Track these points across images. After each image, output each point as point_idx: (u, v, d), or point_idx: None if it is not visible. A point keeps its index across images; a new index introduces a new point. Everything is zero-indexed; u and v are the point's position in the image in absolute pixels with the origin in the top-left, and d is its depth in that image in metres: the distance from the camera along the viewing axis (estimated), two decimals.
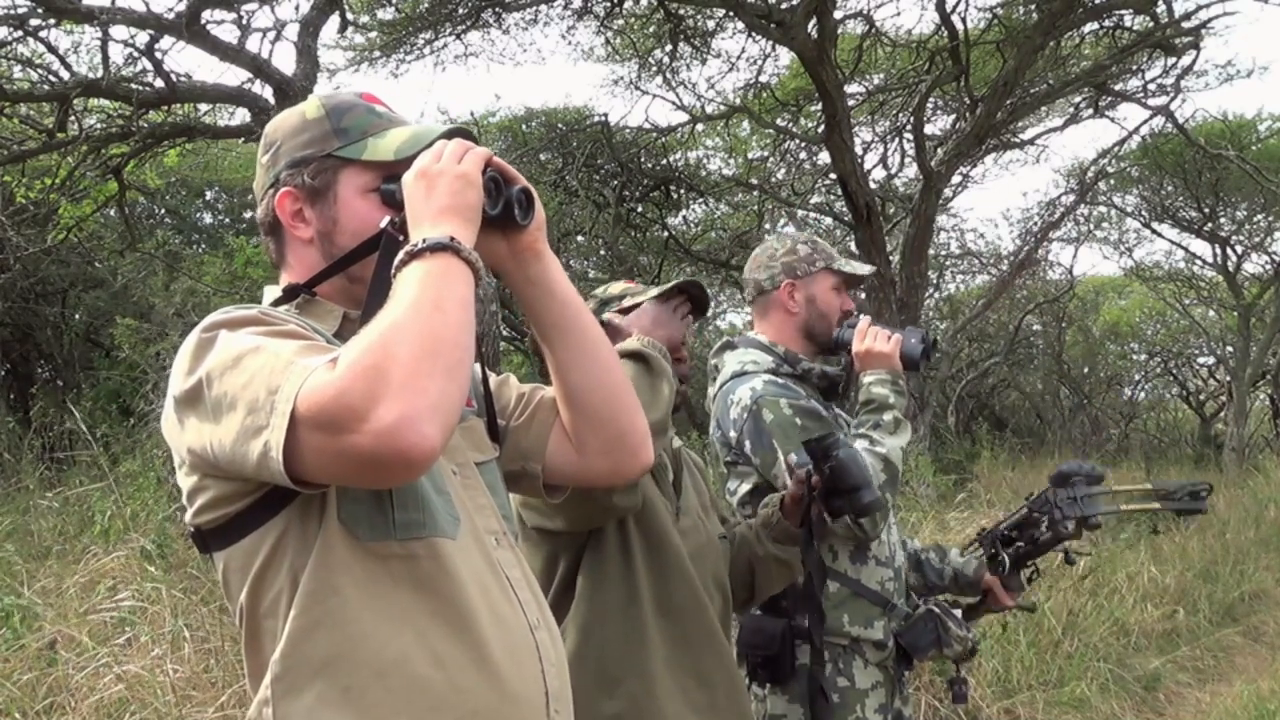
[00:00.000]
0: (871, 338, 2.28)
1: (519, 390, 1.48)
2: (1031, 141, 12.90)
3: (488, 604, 1.20)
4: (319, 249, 1.30)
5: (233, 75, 15.60)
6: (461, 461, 1.30)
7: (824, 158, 11.45)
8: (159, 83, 7.24)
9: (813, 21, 7.81)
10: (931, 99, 10.37)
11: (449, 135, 1.28)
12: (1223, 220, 15.03)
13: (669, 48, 10.36)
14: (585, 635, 1.79)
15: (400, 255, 1.15)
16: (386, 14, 9.34)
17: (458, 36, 9.52)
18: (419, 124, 1.36)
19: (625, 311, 1.98)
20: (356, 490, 1.15)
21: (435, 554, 1.18)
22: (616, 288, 2.04)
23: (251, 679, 1.21)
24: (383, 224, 1.25)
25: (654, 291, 1.96)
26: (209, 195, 14.65)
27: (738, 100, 11.26)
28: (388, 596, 1.15)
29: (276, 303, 1.30)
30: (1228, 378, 16.61)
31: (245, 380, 1.08)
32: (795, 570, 2.05)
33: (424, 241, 1.15)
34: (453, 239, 1.15)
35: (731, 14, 8.86)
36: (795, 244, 2.40)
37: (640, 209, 11.81)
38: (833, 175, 11.02)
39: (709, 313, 16.45)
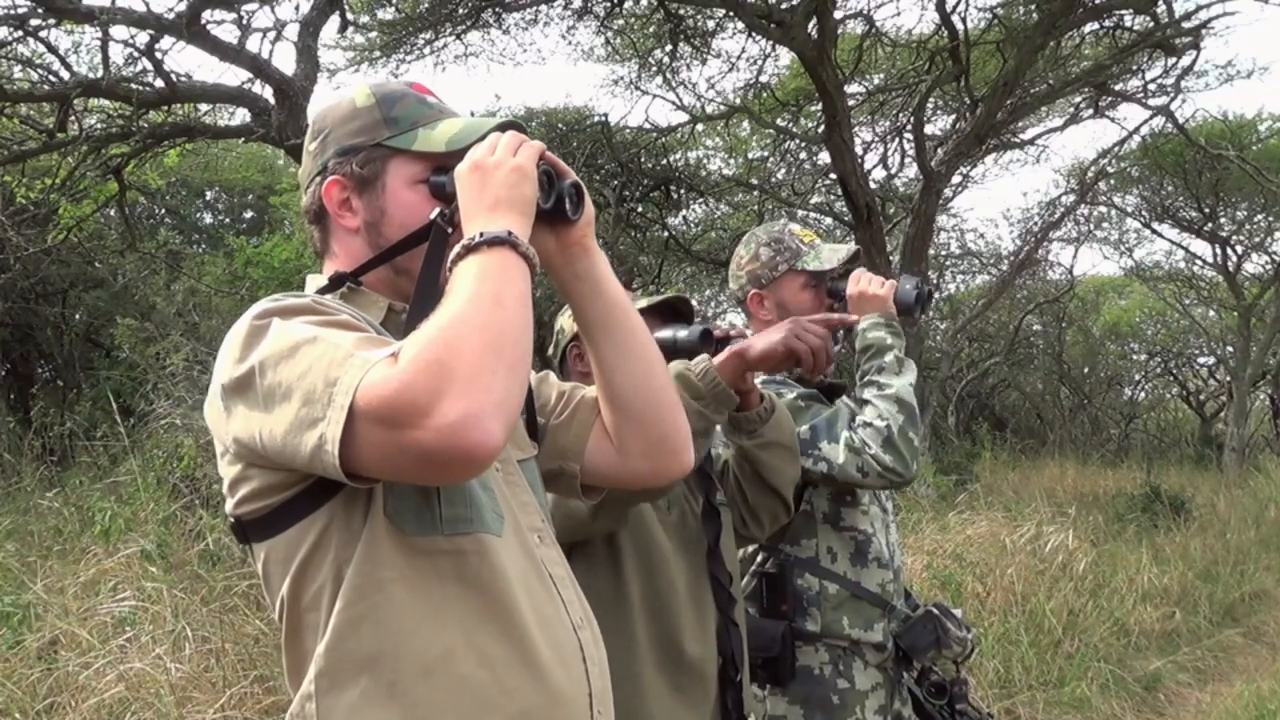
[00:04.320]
0: (865, 282, 2.24)
1: (559, 388, 1.46)
2: (1031, 141, 12.92)
3: (532, 602, 1.19)
4: (365, 239, 1.28)
5: (233, 75, 15.63)
6: (504, 458, 1.28)
7: (824, 158, 11.46)
8: (159, 83, 7.24)
9: (813, 21, 7.81)
10: (931, 99, 10.37)
11: (502, 128, 1.27)
12: (1223, 220, 15.04)
13: (669, 48, 10.37)
14: None
15: (457, 248, 1.14)
16: (386, 14, 9.34)
17: (458, 36, 9.52)
18: (470, 117, 1.35)
19: None
20: (404, 485, 1.14)
21: (482, 550, 1.16)
22: None
23: (291, 674, 1.19)
24: (432, 215, 1.23)
25: (644, 302, 1.95)
26: (209, 195, 14.67)
27: (738, 100, 11.27)
28: (434, 592, 1.13)
29: (322, 291, 1.27)
30: (1228, 378, 16.63)
31: (302, 370, 1.06)
32: (784, 443, 1.96)
33: (481, 235, 1.13)
34: (510, 233, 1.13)
35: (731, 14, 8.86)
36: (759, 247, 2.32)
37: (640, 209, 11.80)
38: (833, 175, 11.03)
39: (709, 313, 16.42)
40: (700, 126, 12.23)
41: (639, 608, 1.80)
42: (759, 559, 2.28)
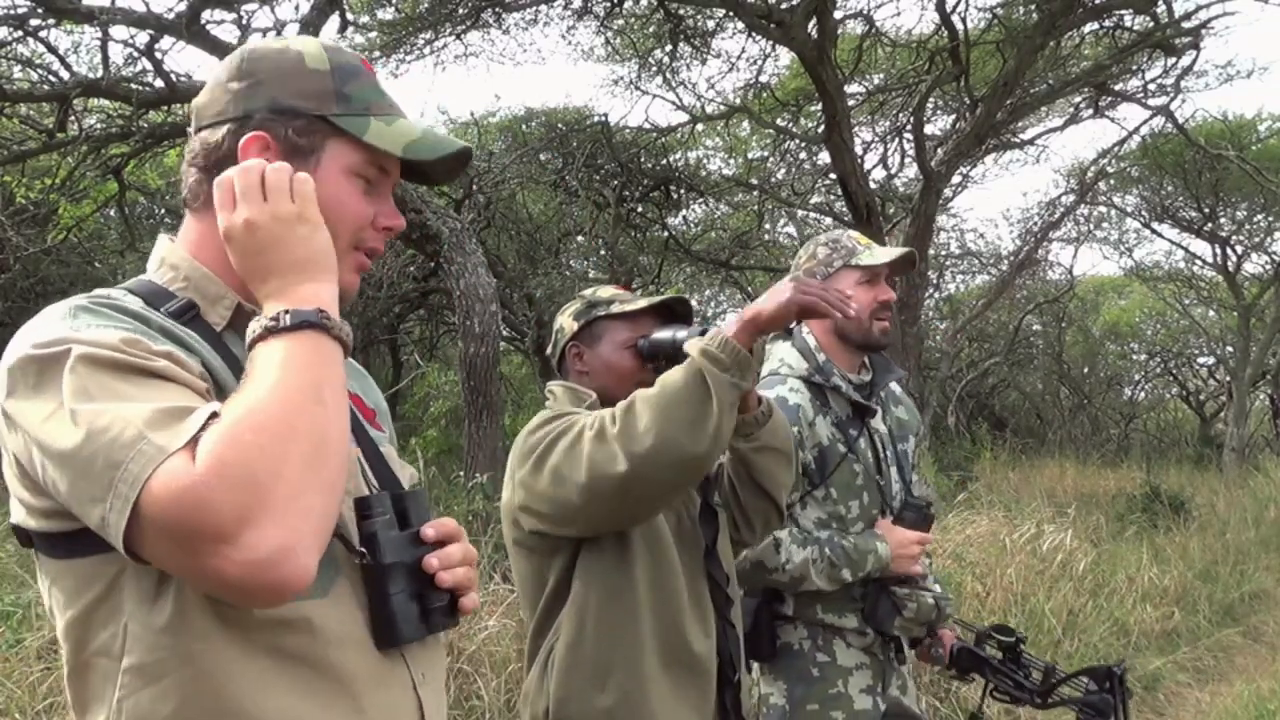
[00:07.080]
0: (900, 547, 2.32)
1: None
2: (1031, 141, 12.93)
3: (366, 661, 1.07)
4: None
5: None
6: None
7: (824, 158, 11.47)
8: (159, 83, 7.24)
9: (813, 21, 7.80)
10: (931, 99, 10.37)
11: (461, 156, 1.17)
12: (1223, 220, 15.03)
13: (669, 48, 10.36)
14: (579, 627, 1.79)
15: (254, 326, 0.98)
16: (386, 14, 9.34)
17: (458, 36, 9.51)
18: (425, 124, 1.23)
19: (615, 318, 1.96)
20: None
21: (303, 616, 1.03)
22: (606, 292, 2.03)
23: (76, 705, 1.05)
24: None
25: (643, 302, 1.96)
26: None
27: (738, 100, 11.27)
28: (250, 661, 1.00)
29: (173, 313, 1.08)
30: (1228, 378, 16.61)
31: (81, 436, 0.89)
32: (779, 447, 1.93)
33: (287, 316, 0.98)
34: (321, 313, 0.99)
35: (731, 14, 8.86)
36: (817, 247, 2.41)
37: (640, 209, 11.80)
38: (833, 175, 11.03)
39: (709, 313, 16.39)
40: (700, 126, 12.24)
41: (645, 603, 1.81)
42: None
